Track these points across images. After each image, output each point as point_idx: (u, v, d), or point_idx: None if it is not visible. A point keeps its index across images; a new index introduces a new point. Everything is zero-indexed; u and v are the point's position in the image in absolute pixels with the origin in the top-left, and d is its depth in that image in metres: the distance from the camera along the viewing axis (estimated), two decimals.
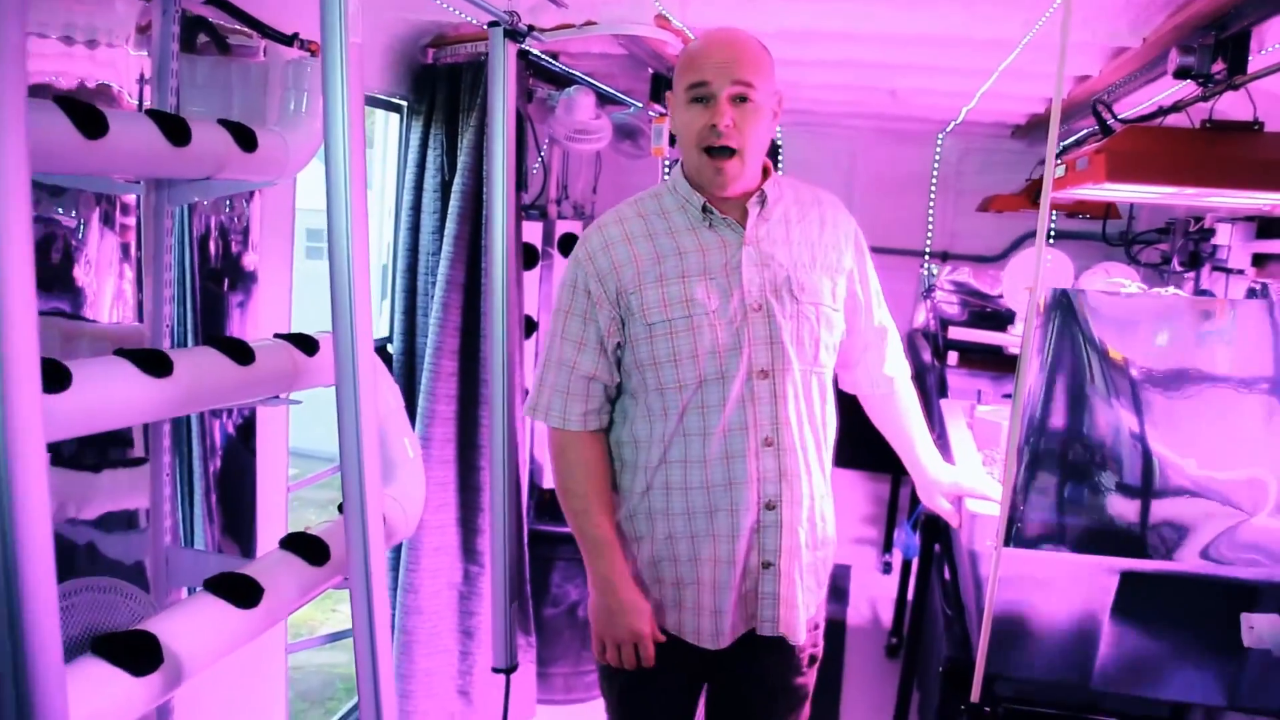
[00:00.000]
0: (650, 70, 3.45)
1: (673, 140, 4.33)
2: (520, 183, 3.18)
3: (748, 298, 1.77)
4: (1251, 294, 3.02)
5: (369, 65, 3.13)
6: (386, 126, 3.52)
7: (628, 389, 1.87)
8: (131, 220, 2.23)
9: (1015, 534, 1.76)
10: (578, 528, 1.88)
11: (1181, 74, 2.07)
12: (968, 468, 2.33)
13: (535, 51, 3.30)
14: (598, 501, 1.86)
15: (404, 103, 3.41)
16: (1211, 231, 3.13)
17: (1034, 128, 4.32)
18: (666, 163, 4.84)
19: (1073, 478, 1.80)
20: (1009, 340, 3.67)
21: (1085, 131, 4.00)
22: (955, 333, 3.63)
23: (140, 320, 2.17)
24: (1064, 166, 2.29)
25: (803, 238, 1.84)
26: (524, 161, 3.14)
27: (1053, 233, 5.09)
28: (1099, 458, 1.78)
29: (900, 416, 2.09)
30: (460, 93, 3.15)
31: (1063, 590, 1.91)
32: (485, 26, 2.30)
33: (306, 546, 1.91)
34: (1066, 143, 4.12)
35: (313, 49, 2.57)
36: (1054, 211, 4.93)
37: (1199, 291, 3.35)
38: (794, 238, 1.84)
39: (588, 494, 1.86)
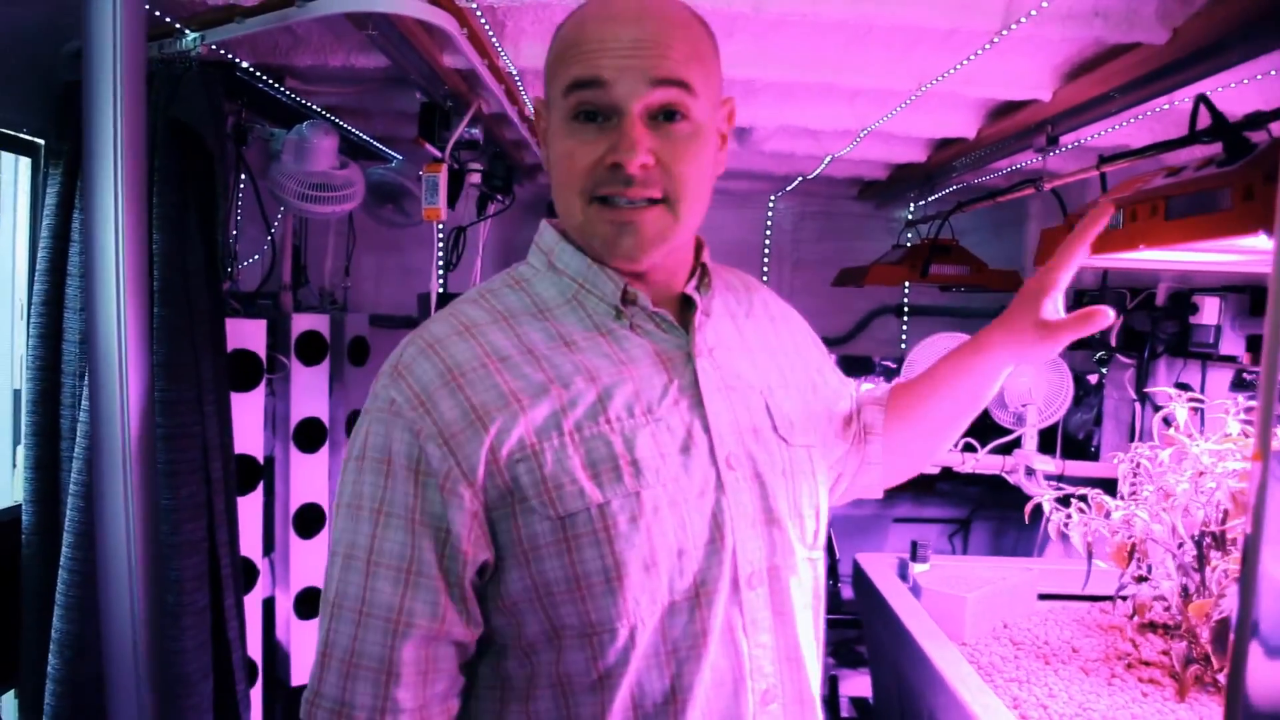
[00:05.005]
0: (421, 99, 2.41)
1: (486, 199, 3.29)
2: (216, 258, 2.04)
3: (720, 447, 1.01)
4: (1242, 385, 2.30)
5: None
6: (17, 176, 2.30)
7: (507, 642, 0.99)
8: None
9: None
10: None
11: None
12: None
13: (245, 65, 2.21)
14: None
15: (40, 141, 2.23)
16: (1191, 306, 2.40)
17: (895, 183, 3.57)
18: (441, 227, 3.77)
19: None
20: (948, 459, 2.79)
21: (945, 189, 3.28)
22: None
23: None
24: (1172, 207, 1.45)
25: (760, 343, 1.15)
26: (216, 226, 2.01)
27: (906, 309, 4.37)
28: None
29: (910, 386, 1.34)
30: None
31: None
32: None
33: None
34: (941, 200, 3.38)
35: None
36: (905, 284, 4.22)
37: (1180, 385, 2.64)
38: (751, 343, 1.14)
39: None
